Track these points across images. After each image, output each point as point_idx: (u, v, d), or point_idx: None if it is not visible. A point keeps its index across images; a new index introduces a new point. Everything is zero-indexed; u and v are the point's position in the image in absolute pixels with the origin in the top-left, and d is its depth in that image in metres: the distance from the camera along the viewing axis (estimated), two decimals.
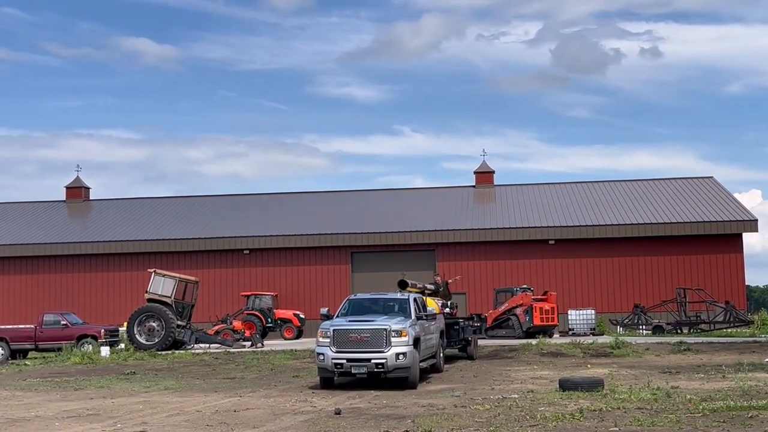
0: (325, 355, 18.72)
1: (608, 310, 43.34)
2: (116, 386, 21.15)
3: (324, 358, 18.75)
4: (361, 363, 18.51)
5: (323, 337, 18.93)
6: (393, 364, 18.42)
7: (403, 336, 18.64)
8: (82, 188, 56.91)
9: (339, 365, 18.60)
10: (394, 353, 18.43)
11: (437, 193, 54.24)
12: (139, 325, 34.80)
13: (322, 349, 18.82)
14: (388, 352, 18.42)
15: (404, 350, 18.53)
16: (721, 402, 14.65)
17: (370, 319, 19.33)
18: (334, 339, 18.69)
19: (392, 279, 29.38)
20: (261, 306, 43.38)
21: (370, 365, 18.46)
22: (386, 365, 18.40)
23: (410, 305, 20.49)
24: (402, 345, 18.54)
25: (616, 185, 52.77)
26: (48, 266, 48.07)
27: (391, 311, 20.33)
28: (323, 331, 19.05)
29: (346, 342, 18.63)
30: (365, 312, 20.31)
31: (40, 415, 15.49)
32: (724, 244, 44.70)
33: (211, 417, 14.61)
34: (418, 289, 26.05)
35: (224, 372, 24.87)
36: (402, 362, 18.49)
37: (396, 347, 18.46)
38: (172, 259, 46.37)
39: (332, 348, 18.66)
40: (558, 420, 13.14)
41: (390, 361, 18.40)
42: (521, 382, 20.20)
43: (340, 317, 20.01)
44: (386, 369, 18.45)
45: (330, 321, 19.65)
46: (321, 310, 21.14)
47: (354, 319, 19.46)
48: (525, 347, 29.70)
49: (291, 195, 55.92)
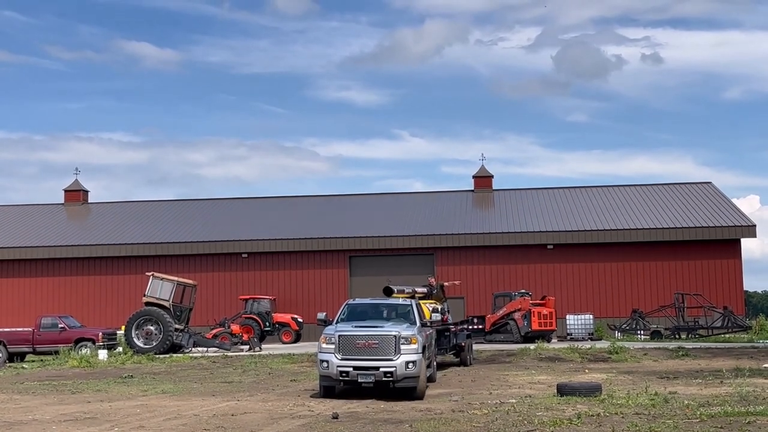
0: (329, 362, 17.51)
1: (606, 315, 43.34)
2: (114, 390, 21.11)
3: (328, 366, 17.53)
4: (369, 371, 17.30)
5: (327, 343, 17.72)
6: (402, 373, 17.26)
7: (413, 343, 17.56)
8: (80, 191, 56.92)
9: (344, 373, 17.39)
10: (404, 361, 17.29)
11: (436, 197, 54.23)
12: (137, 328, 34.78)
13: (326, 356, 17.60)
14: (398, 360, 17.29)
15: (414, 358, 17.41)
16: (719, 407, 14.65)
17: (378, 325, 18.25)
18: (340, 345, 17.51)
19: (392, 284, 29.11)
20: (259, 310, 43.33)
21: (378, 374, 17.26)
22: (395, 374, 17.22)
23: (413, 311, 19.57)
24: (411, 353, 17.44)
25: (615, 190, 52.79)
26: (46, 269, 48.02)
27: (393, 317, 19.41)
28: (327, 336, 17.84)
29: (352, 349, 17.45)
30: (365, 317, 19.24)
31: (37, 418, 15.46)
32: (722, 250, 44.70)
33: (208, 421, 14.59)
34: (407, 295, 25.47)
35: (222, 376, 24.84)
36: (411, 371, 17.35)
37: (405, 355, 17.35)
38: (170, 263, 46.33)
39: (337, 355, 17.47)
40: (556, 425, 13.13)
41: (399, 369, 17.23)
42: (519, 387, 20.18)
43: (341, 323, 18.83)
44: (395, 378, 17.26)
45: (333, 326, 18.48)
46: (318, 314, 20.29)
47: (360, 325, 18.30)
48: (523, 352, 29.67)
49: (289, 199, 55.90)
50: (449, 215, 49.51)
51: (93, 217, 54.33)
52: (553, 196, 51.96)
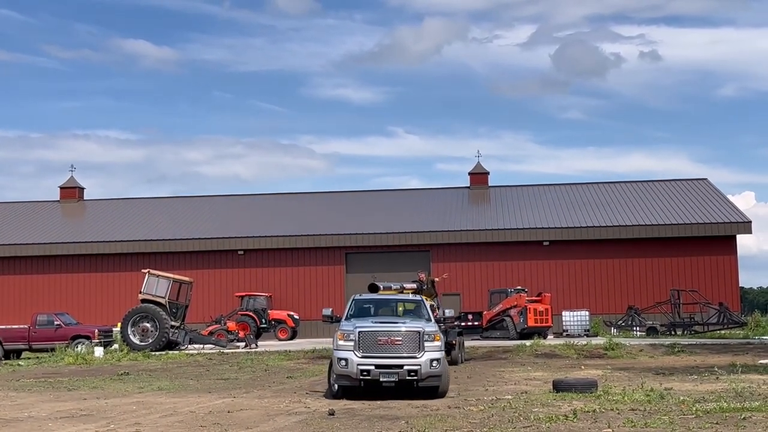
0: (348, 360, 16.37)
1: (602, 312, 43.37)
2: (110, 387, 21.11)
3: (347, 364, 16.37)
4: (392, 370, 16.29)
5: (345, 339, 16.58)
6: (427, 372, 16.34)
7: (437, 340, 16.67)
8: (76, 188, 56.83)
9: (365, 372, 16.28)
10: (428, 359, 16.35)
11: (432, 194, 54.25)
12: (132, 325, 34.72)
13: (345, 354, 16.45)
14: (422, 357, 16.35)
15: (438, 356, 16.53)
16: (714, 403, 14.68)
17: (399, 321, 17.41)
18: (360, 342, 16.41)
19: (387, 280, 29.12)
20: (255, 307, 43.29)
21: (402, 372, 16.26)
22: (420, 373, 16.29)
23: (424, 307, 18.62)
24: (435, 350, 16.54)
25: (611, 187, 52.82)
26: (42, 266, 47.94)
27: (405, 313, 18.61)
28: (345, 333, 16.69)
29: (374, 346, 16.37)
30: (375, 314, 18.29)
31: (33, 415, 15.46)
32: (718, 246, 44.78)
33: (204, 418, 14.59)
34: (395, 291, 25.28)
35: (218, 373, 24.84)
36: (435, 370, 16.45)
37: (429, 352, 16.40)
38: (166, 260, 46.28)
39: (357, 352, 16.35)
40: (551, 421, 13.15)
41: (424, 368, 16.30)
42: (515, 383, 20.21)
43: (352, 319, 17.61)
44: (419, 377, 16.33)
45: (349, 322, 17.31)
46: (324, 310, 19.31)
47: (380, 321, 17.33)
48: (519, 348, 29.71)
49: (286, 196, 55.91)
50: (445, 212, 49.53)
51: (89, 214, 54.26)
52: (549, 193, 52.00)
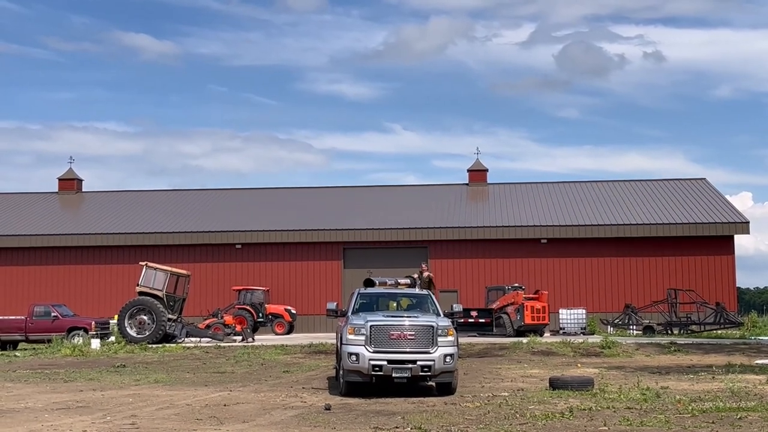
0: (359, 355, 15.97)
1: (599, 310, 43.37)
2: (106, 379, 21.12)
3: (358, 359, 15.98)
4: (405, 366, 15.94)
5: (355, 334, 16.15)
6: (440, 367, 16.01)
7: (450, 335, 16.31)
8: (74, 180, 56.71)
9: (377, 368, 15.91)
10: (442, 354, 16.00)
11: (430, 190, 54.20)
12: (129, 318, 34.72)
13: (356, 349, 16.04)
14: (435, 353, 15.99)
15: (451, 351, 16.20)
16: (711, 403, 14.70)
17: (412, 315, 16.99)
18: (372, 336, 16.01)
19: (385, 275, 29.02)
20: (252, 300, 43.26)
21: (415, 368, 15.92)
22: (433, 368, 15.97)
23: (432, 301, 18.29)
24: (449, 345, 16.21)
25: (609, 185, 52.83)
26: (39, 258, 47.88)
27: (410, 308, 18.23)
28: (355, 327, 16.26)
29: (386, 340, 16.00)
30: (382, 308, 17.94)
31: (29, 406, 15.46)
32: (715, 246, 44.79)
33: (200, 411, 14.60)
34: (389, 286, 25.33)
35: (214, 366, 24.84)
36: (449, 365, 16.14)
37: (443, 347, 16.06)
38: (163, 253, 46.23)
39: (368, 347, 15.97)
40: (547, 418, 13.16)
41: (438, 363, 15.96)
42: (511, 380, 20.22)
43: (362, 313, 17.24)
44: (433, 372, 16.02)
45: (358, 315, 16.93)
46: (329, 304, 18.89)
47: (391, 314, 17.06)
48: (516, 346, 29.72)
49: (284, 190, 55.82)
50: (444, 208, 49.51)
51: (87, 206, 54.18)
52: (547, 191, 51.99)
